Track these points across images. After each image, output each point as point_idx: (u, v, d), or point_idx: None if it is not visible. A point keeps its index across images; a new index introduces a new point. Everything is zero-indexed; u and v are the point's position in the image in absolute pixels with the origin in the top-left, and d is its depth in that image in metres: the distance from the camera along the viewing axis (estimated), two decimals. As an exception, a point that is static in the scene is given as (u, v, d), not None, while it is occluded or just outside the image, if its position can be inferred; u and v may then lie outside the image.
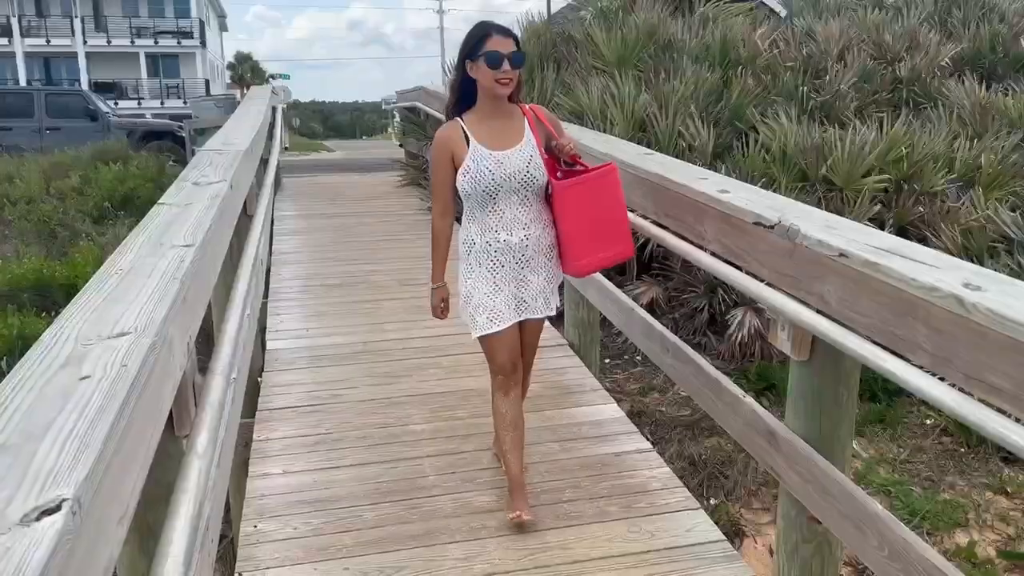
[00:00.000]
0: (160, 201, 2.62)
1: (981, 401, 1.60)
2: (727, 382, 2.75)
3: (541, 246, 2.76)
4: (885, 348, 1.86)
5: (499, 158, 2.64)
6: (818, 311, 2.10)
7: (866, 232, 2.12)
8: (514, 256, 2.72)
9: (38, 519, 0.88)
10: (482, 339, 2.79)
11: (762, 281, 2.44)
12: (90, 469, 0.98)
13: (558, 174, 2.74)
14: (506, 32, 2.63)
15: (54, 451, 1.01)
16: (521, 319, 2.80)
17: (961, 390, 1.66)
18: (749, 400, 2.58)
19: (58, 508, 0.90)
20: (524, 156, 2.66)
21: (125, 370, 1.26)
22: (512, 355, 2.83)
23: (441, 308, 2.90)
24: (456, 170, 2.66)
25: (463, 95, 2.71)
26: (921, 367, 1.75)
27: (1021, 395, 1.46)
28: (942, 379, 1.70)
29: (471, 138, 2.65)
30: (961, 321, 1.58)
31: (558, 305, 2.93)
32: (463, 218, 2.79)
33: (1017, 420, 1.50)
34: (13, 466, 0.97)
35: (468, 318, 2.80)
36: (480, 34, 2.61)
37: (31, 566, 0.81)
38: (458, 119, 2.70)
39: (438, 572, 2.59)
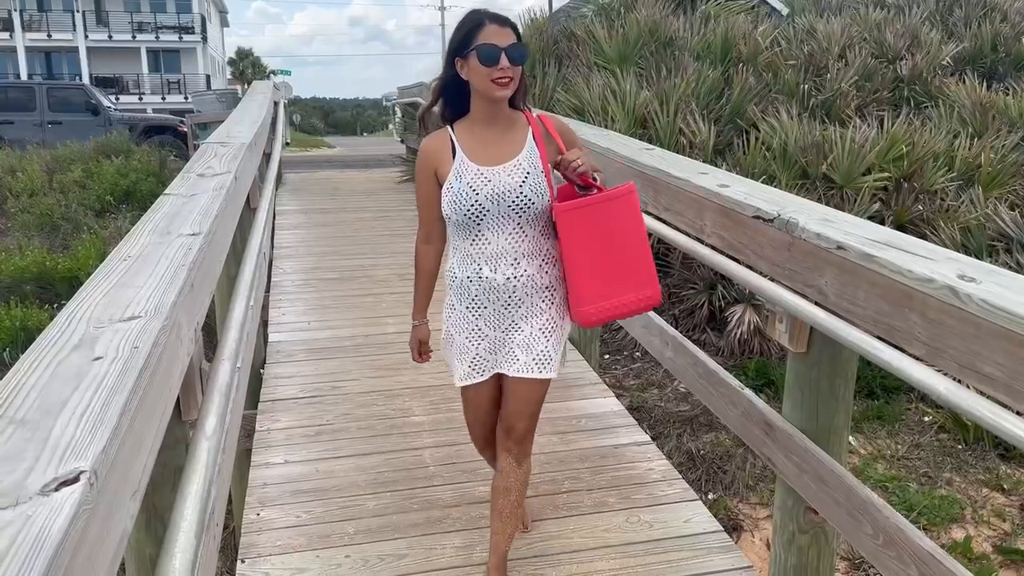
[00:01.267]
0: (166, 192, 2.64)
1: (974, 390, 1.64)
2: (725, 374, 2.78)
3: (535, 287, 2.24)
4: (881, 339, 1.89)
5: (487, 174, 2.17)
6: (816, 303, 2.13)
7: (863, 225, 2.15)
8: (499, 297, 2.23)
9: (57, 489, 0.91)
10: (462, 390, 2.41)
11: (761, 274, 2.47)
12: (106, 443, 1.01)
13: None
14: (503, 21, 2.13)
15: (70, 426, 1.04)
16: (503, 372, 2.30)
17: (955, 380, 1.70)
18: (747, 392, 2.61)
19: (76, 479, 0.93)
20: (519, 173, 2.17)
21: (137, 351, 1.29)
22: (486, 420, 2.43)
23: (420, 351, 2.48)
24: (441, 187, 2.22)
25: (454, 99, 2.23)
26: (916, 357, 1.78)
27: (1013, 384, 1.49)
28: (948, 376, 1.73)
29: (458, 150, 2.19)
30: (955, 312, 1.61)
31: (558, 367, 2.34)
32: (449, 246, 2.34)
33: (1018, 414, 1.53)
34: (32, 440, 1.00)
35: (449, 360, 2.40)
36: (472, 24, 2.12)
37: (51, 533, 0.84)
38: (448, 127, 2.24)
39: (438, 560, 2.62)
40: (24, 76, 34.49)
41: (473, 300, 2.27)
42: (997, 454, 4.43)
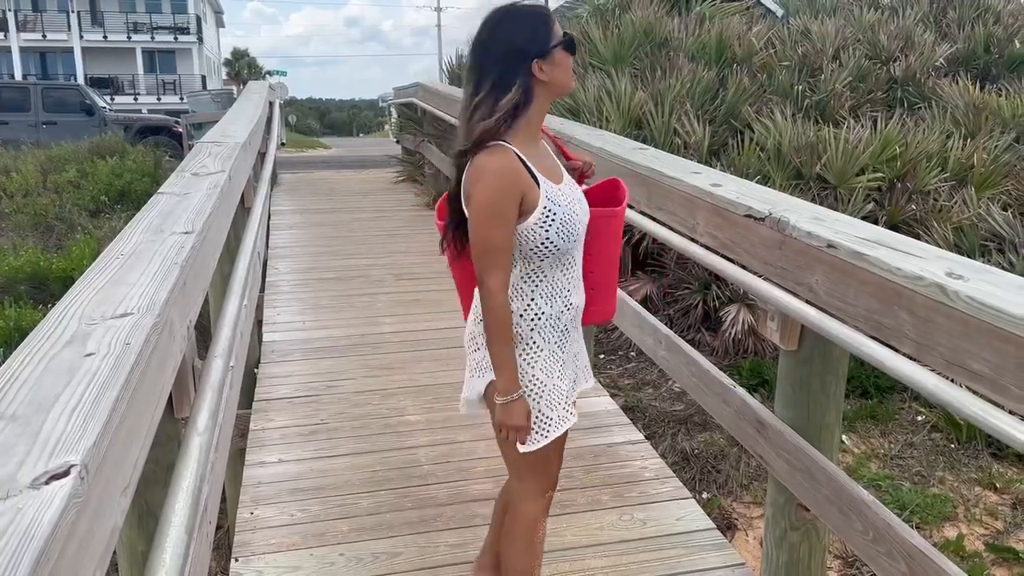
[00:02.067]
0: (160, 190, 2.65)
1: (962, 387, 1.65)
2: (717, 372, 2.79)
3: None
4: (871, 336, 1.90)
5: (572, 194, 1.98)
6: (806, 301, 2.14)
7: (853, 223, 2.16)
8: (577, 322, 2.09)
9: (47, 483, 0.92)
10: (547, 447, 2.02)
11: (754, 273, 2.48)
12: (96, 438, 1.02)
13: None
14: None
15: (61, 421, 1.05)
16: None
17: (947, 378, 1.71)
18: (739, 390, 2.62)
19: (67, 473, 0.94)
20: (576, 186, 2.06)
21: (128, 348, 1.30)
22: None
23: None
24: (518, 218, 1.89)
25: (514, 112, 1.88)
26: (906, 355, 1.80)
27: (999, 380, 1.50)
28: (937, 373, 1.74)
29: (533, 170, 1.90)
30: (944, 309, 1.62)
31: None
32: (517, 283, 1.97)
33: (1011, 413, 1.54)
34: (23, 435, 1.01)
35: (540, 421, 1.99)
36: (542, 19, 1.91)
37: (42, 525, 0.85)
38: (506, 144, 1.88)
39: (432, 558, 2.62)
40: (19, 76, 34.41)
41: (562, 333, 2.02)
42: (990, 453, 4.45)
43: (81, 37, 36.87)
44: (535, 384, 1.99)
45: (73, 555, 0.91)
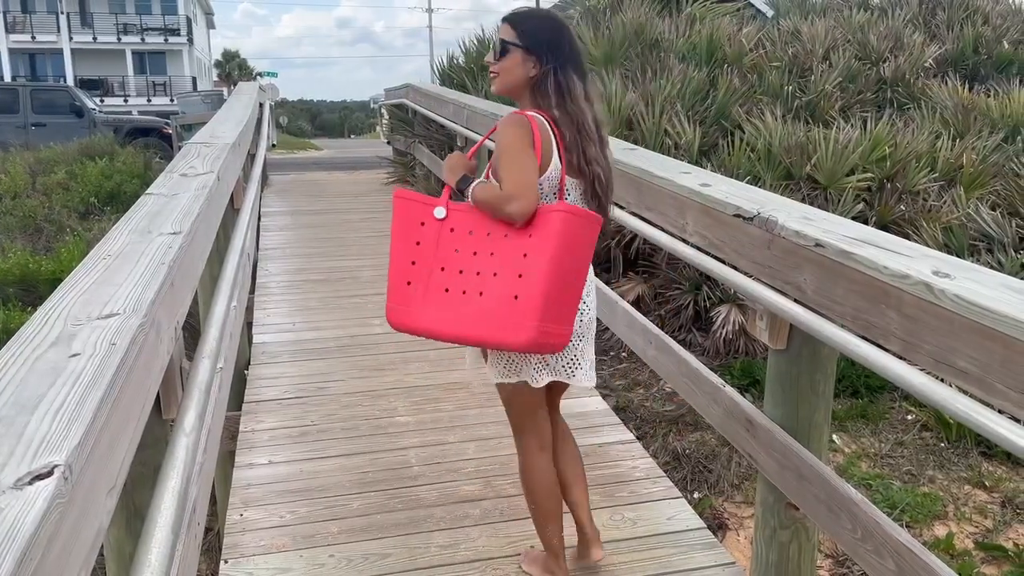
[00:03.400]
0: (147, 191, 2.63)
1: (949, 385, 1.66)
2: (707, 372, 2.79)
3: None
4: (859, 335, 1.90)
5: None
6: (795, 300, 2.15)
7: (841, 223, 2.17)
8: None
9: (31, 483, 0.91)
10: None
11: (744, 273, 2.48)
12: (81, 438, 1.01)
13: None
14: (505, 18, 2.19)
15: (45, 422, 1.04)
16: None
17: (936, 376, 1.71)
18: (728, 389, 2.62)
19: (50, 473, 0.93)
20: None
21: (114, 348, 1.29)
22: None
23: None
24: None
25: None
26: (895, 353, 1.80)
27: (986, 378, 1.51)
28: (933, 375, 1.74)
29: None
30: (930, 307, 1.63)
31: None
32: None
33: (1000, 412, 1.55)
34: (6, 435, 1.00)
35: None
36: None
37: (25, 526, 0.84)
38: None
39: (422, 559, 2.62)
40: (8, 78, 34.22)
41: None
42: (979, 452, 4.46)
43: (70, 38, 36.69)
44: None
45: (57, 556, 0.91)
